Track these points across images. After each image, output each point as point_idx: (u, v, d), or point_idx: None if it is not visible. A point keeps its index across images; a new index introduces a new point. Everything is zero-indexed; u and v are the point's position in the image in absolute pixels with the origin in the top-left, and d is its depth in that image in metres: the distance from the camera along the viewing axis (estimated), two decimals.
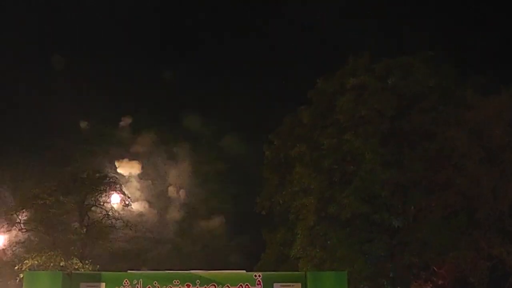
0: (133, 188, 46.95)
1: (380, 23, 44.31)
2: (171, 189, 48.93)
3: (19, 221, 35.36)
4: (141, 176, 48.40)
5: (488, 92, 30.33)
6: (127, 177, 46.81)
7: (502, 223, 29.08)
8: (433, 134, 30.28)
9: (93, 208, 37.21)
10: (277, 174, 34.77)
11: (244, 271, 22.09)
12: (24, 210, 35.31)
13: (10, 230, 35.26)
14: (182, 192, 48.76)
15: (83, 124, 49.69)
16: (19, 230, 35.43)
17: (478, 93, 30.46)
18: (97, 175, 37.57)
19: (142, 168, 48.66)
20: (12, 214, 35.22)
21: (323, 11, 46.53)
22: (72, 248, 34.96)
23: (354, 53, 32.95)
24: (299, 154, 32.36)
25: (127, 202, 38.54)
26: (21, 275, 31.41)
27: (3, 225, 35.21)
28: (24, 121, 47.40)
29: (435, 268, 30.33)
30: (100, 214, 37.30)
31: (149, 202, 47.24)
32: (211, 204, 47.55)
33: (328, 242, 30.17)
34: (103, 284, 20.96)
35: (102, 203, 37.30)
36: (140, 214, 44.32)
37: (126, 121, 50.43)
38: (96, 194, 36.98)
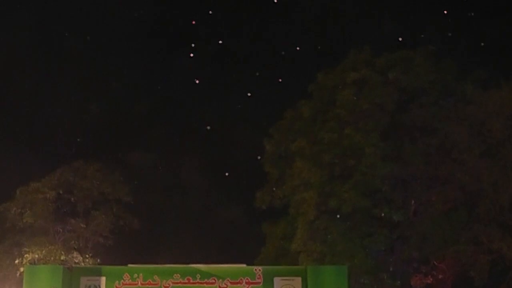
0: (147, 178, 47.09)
1: (380, 17, 44.29)
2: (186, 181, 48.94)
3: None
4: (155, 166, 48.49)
5: (489, 87, 30.35)
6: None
7: (502, 218, 29.12)
8: (433, 129, 30.29)
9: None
10: (277, 168, 34.75)
11: (245, 265, 22.13)
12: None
13: None
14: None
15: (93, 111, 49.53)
16: None
17: (479, 88, 30.48)
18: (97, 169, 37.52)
19: (156, 158, 48.69)
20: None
21: (324, 5, 46.51)
22: (73, 242, 35.01)
23: (354, 47, 32.95)
24: (299, 148, 32.32)
25: None
26: (22, 269, 31.48)
27: None
28: (29, 112, 47.52)
29: (435, 262, 30.36)
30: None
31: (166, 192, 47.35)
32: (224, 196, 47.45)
33: (329, 236, 30.15)
34: (103, 278, 21.00)
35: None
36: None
37: (137, 113, 50.46)
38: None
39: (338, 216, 30.23)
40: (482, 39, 39.38)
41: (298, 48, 48.65)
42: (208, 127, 49.67)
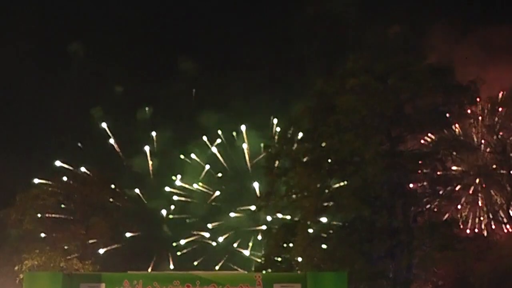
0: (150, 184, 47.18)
1: (380, 23, 44.34)
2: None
3: None
4: (156, 172, 48.51)
5: None
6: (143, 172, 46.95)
7: None
8: (433, 135, 30.28)
9: None
10: (276, 174, 34.68)
11: (244, 272, 22.11)
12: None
13: None
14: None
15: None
16: None
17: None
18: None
19: (159, 164, 48.70)
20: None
21: (323, 11, 46.59)
22: (72, 248, 35.01)
23: (354, 53, 32.92)
24: (299, 154, 32.29)
25: None
26: (21, 276, 31.46)
27: None
28: (32, 118, 47.55)
29: (435, 269, 30.31)
30: None
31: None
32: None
33: (328, 242, 30.11)
34: (103, 285, 20.93)
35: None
36: None
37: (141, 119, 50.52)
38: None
39: (337, 222, 30.18)
40: (481, 43, 39.47)
41: (298, 54, 48.87)
42: (210, 131, 49.94)
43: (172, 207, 48.14)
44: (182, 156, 49.11)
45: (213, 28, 52.16)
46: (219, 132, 49.58)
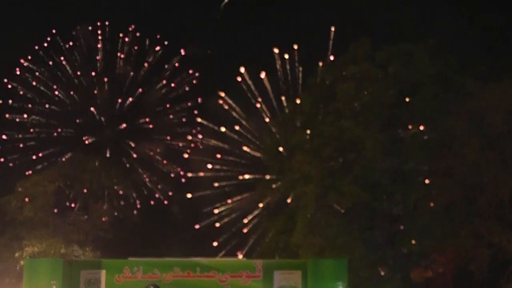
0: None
1: (381, 10, 44.26)
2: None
3: None
4: (164, 157, 48.58)
5: (489, 80, 30.30)
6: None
7: (502, 211, 29.06)
8: (433, 122, 30.26)
9: None
10: (277, 161, 34.76)
11: (244, 259, 22.14)
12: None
13: None
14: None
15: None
16: None
17: (479, 81, 30.42)
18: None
19: (165, 149, 48.80)
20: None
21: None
22: (73, 235, 35.06)
23: (354, 41, 32.89)
24: (299, 142, 32.34)
25: None
26: (22, 262, 31.53)
27: None
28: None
29: (435, 256, 30.37)
30: None
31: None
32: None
33: (329, 230, 30.15)
34: (103, 272, 20.96)
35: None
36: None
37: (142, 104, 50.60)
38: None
39: (338, 209, 30.23)
40: (483, 32, 39.32)
41: (298, 40, 48.80)
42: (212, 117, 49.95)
43: None
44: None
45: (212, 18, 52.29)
46: None
